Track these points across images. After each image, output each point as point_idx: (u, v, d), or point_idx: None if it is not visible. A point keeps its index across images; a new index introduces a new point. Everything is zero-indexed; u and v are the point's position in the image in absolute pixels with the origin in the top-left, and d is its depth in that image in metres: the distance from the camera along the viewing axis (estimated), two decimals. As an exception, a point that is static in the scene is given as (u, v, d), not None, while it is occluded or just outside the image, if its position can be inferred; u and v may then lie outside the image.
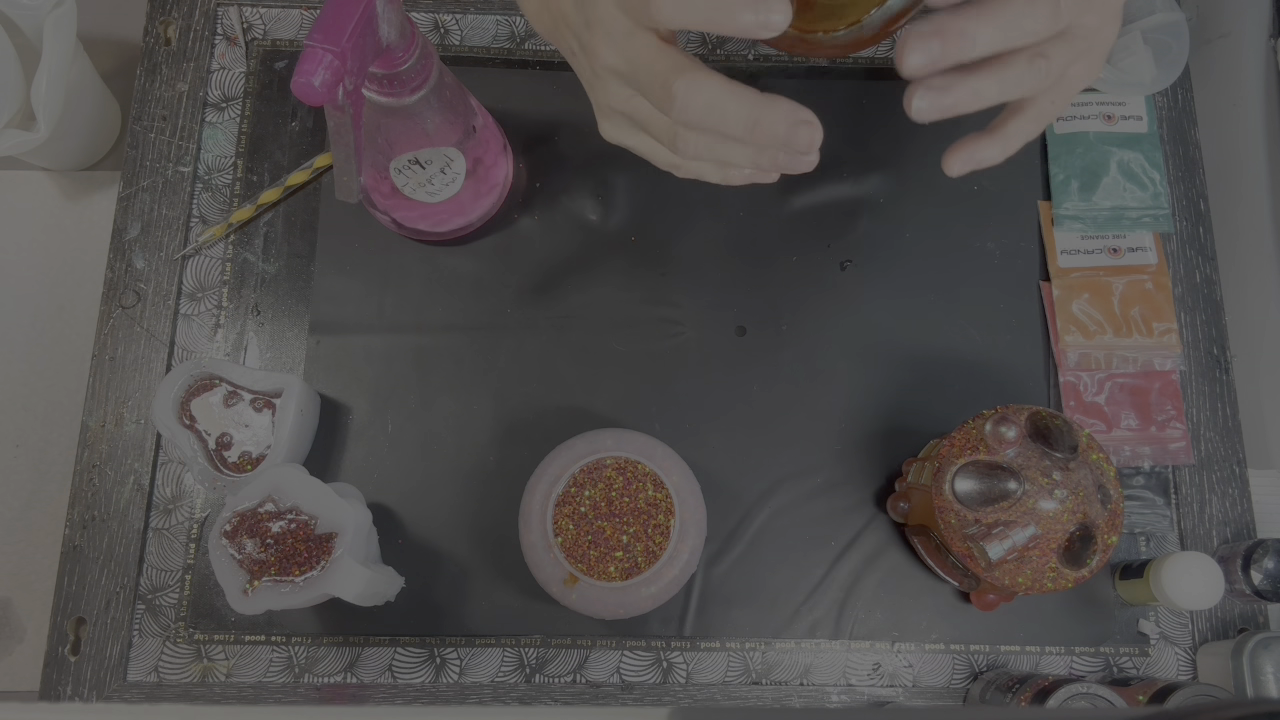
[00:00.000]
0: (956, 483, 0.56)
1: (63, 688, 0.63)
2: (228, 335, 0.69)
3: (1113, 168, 0.71)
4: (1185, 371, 0.69)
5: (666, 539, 0.57)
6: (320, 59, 0.46)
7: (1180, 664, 0.65)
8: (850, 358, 0.69)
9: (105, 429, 0.67)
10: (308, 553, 0.57)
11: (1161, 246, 0.71)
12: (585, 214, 0.71)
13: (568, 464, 0.58)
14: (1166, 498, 0.67)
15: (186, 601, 0.64)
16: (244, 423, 0.64)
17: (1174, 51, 0.71)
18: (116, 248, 0.70)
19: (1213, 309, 0.70)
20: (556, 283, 0.70)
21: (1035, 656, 0.65)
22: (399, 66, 0.53)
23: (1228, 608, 0.66)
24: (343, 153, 0.52)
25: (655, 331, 0.69)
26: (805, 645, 0.64)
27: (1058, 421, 0.56)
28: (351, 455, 0.67)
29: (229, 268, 0.70)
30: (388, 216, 0.67)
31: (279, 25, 0.74)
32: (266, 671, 0.63)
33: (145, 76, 0.73)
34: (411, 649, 0.64)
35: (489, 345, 0.69)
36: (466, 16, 0.75)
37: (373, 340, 0.69)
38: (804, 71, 0.74)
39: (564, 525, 0.57)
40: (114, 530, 0.65)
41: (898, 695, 0.64)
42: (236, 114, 0.72)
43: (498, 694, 0.63)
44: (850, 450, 0.67)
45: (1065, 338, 0.69)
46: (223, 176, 0.71)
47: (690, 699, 0.63)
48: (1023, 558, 0.55)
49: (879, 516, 0.66)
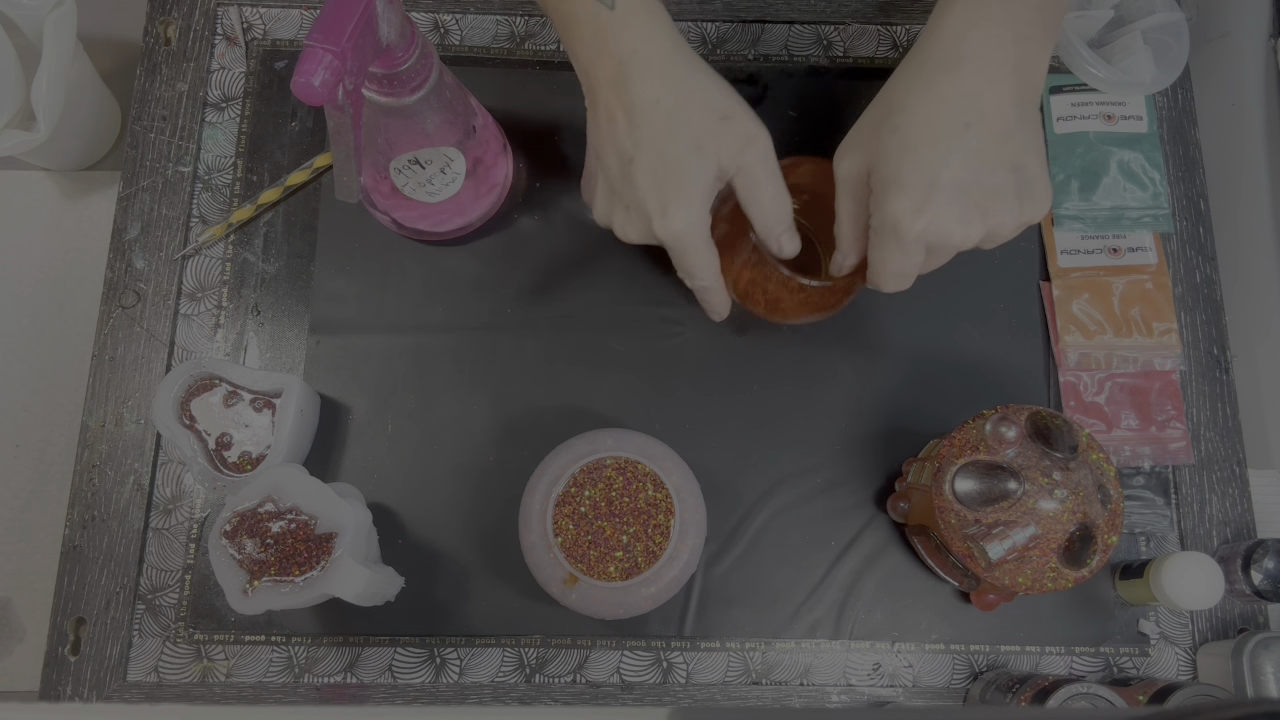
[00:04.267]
0: (956, 483, 0.56)
1: (63, 688, 0.63)
2: (228, 335, 0.69)
3: (1113, 168, 0.71)
4: (1185, 371, 0.69)
5: (666, 539, 0.57)
6: (320, 59, 0.46)
7: (1180, 664, 0.65)
8: (850, 358, 0.69)
9: (105, 429, 0.67)
10: (308, 553, 0.57)
11: (1161, 246, 0.71)
12: (585, 214, 0.71)
13: (568, 464, 0.58)
14: (1166, 498, 0.67)
15: (186, 601, 0.64)
16: (244, 423, 0.64)
17: (1174, 51, 0.70)
18: (116, 248, 0.70)
19: (1213, 309, 0.70)
20: (556, 283, 0.70)
21: (1035, 656, 0.65)
22: (399, 66, 0.53)
23: (1228, 608, 0.65)
24: (343, 153, 0.52)
25: (655, 331, 0.69)
26: (805, 645, 0.64)
27: (1058, 421, 0.56)
28: (351, 455, 0.67)
29: (229, 268, 0.70)
30: (388, 216, 0.67)
31: (279, 25, 0.74)
32: (266, 671, 0.63)
33: (145, 76, 0.73)
34: (411, 649, 0.64)
35: (489, 345, 0.69)
36: (466, 16, 0.75)
37: (373, 340, 0.68)
38: (804, 71, 0.74)
39: (564, 525, 0.57)
40: (114, 530, 0.65)
41: (898, 695, 0.64)
42: (236, 114, 0.72)
43: (498, 694, 0.63)
44: (850, 450, 0.67)
45: (1065, 338, 0.69)
46: (223, 176, 0.71)
47: (690, 699, 0.63)
48: (1023, 558, 0.55)
49: (879, 516, 0.66)
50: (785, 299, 0.59)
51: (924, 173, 0.49)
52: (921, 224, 0.49)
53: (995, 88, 0.49)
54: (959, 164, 0.48)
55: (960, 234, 0.49)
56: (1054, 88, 0.73)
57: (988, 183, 0.49)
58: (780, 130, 0.73)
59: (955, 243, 0.50)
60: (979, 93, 0.49)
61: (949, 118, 0.49)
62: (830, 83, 0.74)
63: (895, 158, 0.50)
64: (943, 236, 0.49)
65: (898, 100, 0.51)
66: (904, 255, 0.51)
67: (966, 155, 0.48)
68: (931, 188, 0.48)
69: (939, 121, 0.49)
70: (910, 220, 0.49)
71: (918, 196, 0.49)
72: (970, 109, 0.49)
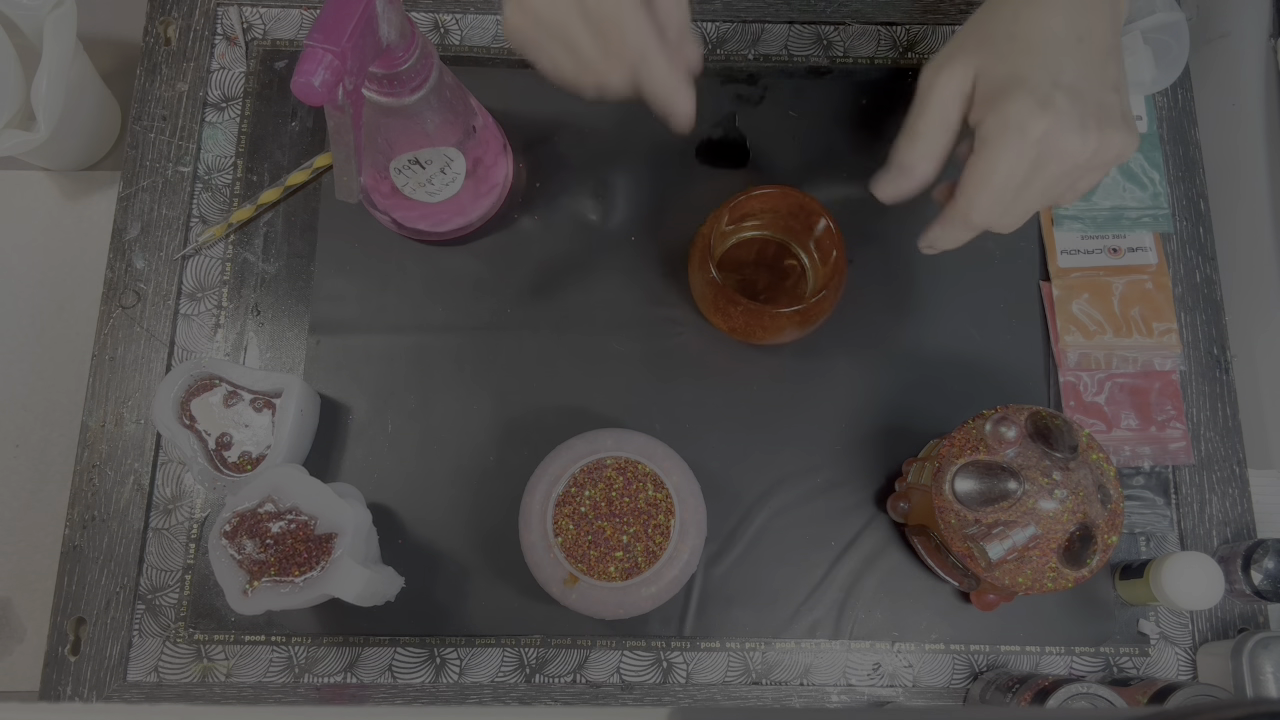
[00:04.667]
0: (956, 483, 0.56)
1: (63, 688, 0.63)
2: (228, 335, 0.69)
3: (1113, 168, 0.72)
4: (1185, 371, 0.69)
5: (666, 539, 0.57)
6: (320, 59, 0.46)
7: (1180, 664, 0.65)
8: (850, 358, 0.69)
9: (105, 429, 0.67)
10: (308, 553, 0.57)
11: (1161, 246, 0.71)
12: (585, 214, 0.71)
13: (568, 464, 0.58)
14: (1166, 498, 0.67)
15: (186, 601, 0.64)
16: (244, 423, 0.64)
17: (1174, 51, 0.70)
18: (116, 248, 0.70)
19: (1213, 309, 0.70)
20: (556, 283, 0.70)
21: (1035, 656, 0.65)
22: (399, 66, 0.53)
23: (1228, 608, 0.65)
24: (343, 153, 0.52)
25: (655, 331, 0.69)
26: (805, 645, 0.64)
27: (1058, 421, 0.56)
28: (351, 455, 0.67)
29: (229, 268, 0.70)
30: (388, 216, 0.67)
31: (279, 25, 0.74)
32: (266, 671, 0.63)
33: (145, 76, 0.73)
34: (411, 649, 0.64)
35: (489, 345, 0.69)
36: (466, 16, 0.75)
37: (373, 340, 0.68)
38: (804, 71, 0.74)
39: (564, 525, 0.57)
40: (114, 530, 0.65)
41: (898, 695, 0.64)
42: (236, 114, 0.72)
43: (498, 694, 0.63)
44: (850, 450, 0.67)
45: (1065, 338, 0.69)
46: (223, 176, 0.71)
47: (690, 699, 0.63)
48: (1023, 558, 0.55)
49: (879, 516, 0.66)
50: (764, 324, 0.61)
51: (1047, 73, 0.49)
52: (1047, 122, 0.48)
53: (1097, 11, 0.50)
54: (1077, 71, 0.49)
55: (1078, 142, 0.49)
56: (1054, 88, 0.73)
57: (1100, 97, 0.49)
58: (780, 130, 0.73)
59: (1071, 150, 0.49)
60: (1085, 13, 0.50)
61: (1066, 29, 0.50)
62: (830, 83, 0.74)
63: (1015, 60, 0.50)
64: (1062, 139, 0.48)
65: (1008, 13, 0.51)
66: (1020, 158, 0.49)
67: (1083, 65, 0.49)
68: (1055, 87, 0.48)
69: (1056, 32, 0.50)
70: (1036, 118, 0.48)
71: (1041, 95, 0.48)
72: (1081, 25, 0.50)
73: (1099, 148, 0.49)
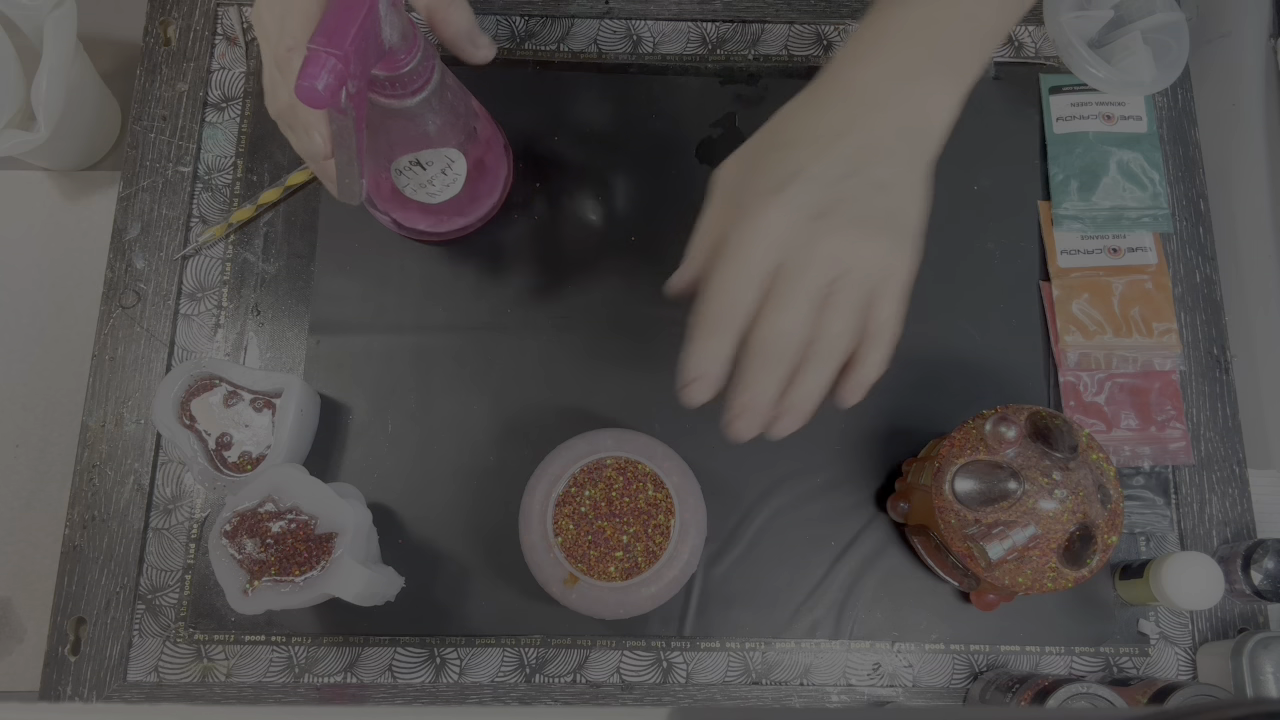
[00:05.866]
0: (956, 483, 0.56)
1: (63, 688, 0.63)
2: (228, 335, 0.69)
3: (1112, 168, 0.72)
4: (1185, 371, 0.69)
5: (666, 539, 0.57)
6: (324, 63, 0.46)
7: (1180, 664, 0.65)
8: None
9: (105, 429, 0.67)
10: (308, 553, 0.57)
11: (1161, 246, 0.71)
12: (585, 214, 0.71)
13: (568, 464, 0.58)
14: (1166, 498, 0.67)
15: (186, 601, 0.64)
16: (244, 423, 0.64)
17: (1174, 51, 0.70)
18: (116, 248, 0.70)
19: (1213, 309, 0.71)
20: (556, 283, 0.70)
21: (1035, 656, 0.65)
22: (401, 69, 0.53)
23: (1228, 608, 0.66)
24: (345, 155, 0.52)
25: (655, 331, 0.69)
26: (805, 645, 0.64)
27: (1058, 421, 0.57)
28: (351, 455, 0.67)
29: (229, 268, 0.70)
30: (388, 217, 0.67)
31: (279, 25, 0.74)
32: (266, 671, 0.63)
33: (145, 76, 0.73)
34: (411, 649, 0.64)
35: (489, 345, 0.69)
36: (466, 16, 0.74)
37: (373, 340, 0.68)
38: (804, 72, 0.74)
39: (564, 525, 0.57)
40: (114, 530, 0.65)
41: (898, 695, 0.64)
42: (236, 114, 0.72)
43: (498, 694, 0.63)
44: (850, 450, 0.67)
45: (1065, 338, 0.69)
46: (223, 176, 0.71)
47: (690, 699, 0.63)
48: (1023, 558, 0.55)
49: (879, 516, 0.66)
50: None
51: (790, 166, 0.48)
52: (777, 204, 0.47)
53: (880, 113, 0.49)
54: (827, 162, 0.47)
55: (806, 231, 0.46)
56: (1053, 88, 0.74)
57: (851, 188, 0.47)
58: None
59: (799, 242, 0.46)
60: (861, 115, 0.49)
61: (828, 128, 0.49)
62: (830, 83, 0.74)
63: (769, 156, 0.49)
64: (792, 227, 0.46)
65: (786, 116, 0.51)
66: (747, 250, 0.47)
67: (836, 159, 0.48)
68: (794, 177, 0.47)
69: (819, 131, 0.49)
70: (763, 201, 0.47)
71: (779, 180, 0.47)
72: (851, 124, 0.48)
73: (841, 249, 0.46)
